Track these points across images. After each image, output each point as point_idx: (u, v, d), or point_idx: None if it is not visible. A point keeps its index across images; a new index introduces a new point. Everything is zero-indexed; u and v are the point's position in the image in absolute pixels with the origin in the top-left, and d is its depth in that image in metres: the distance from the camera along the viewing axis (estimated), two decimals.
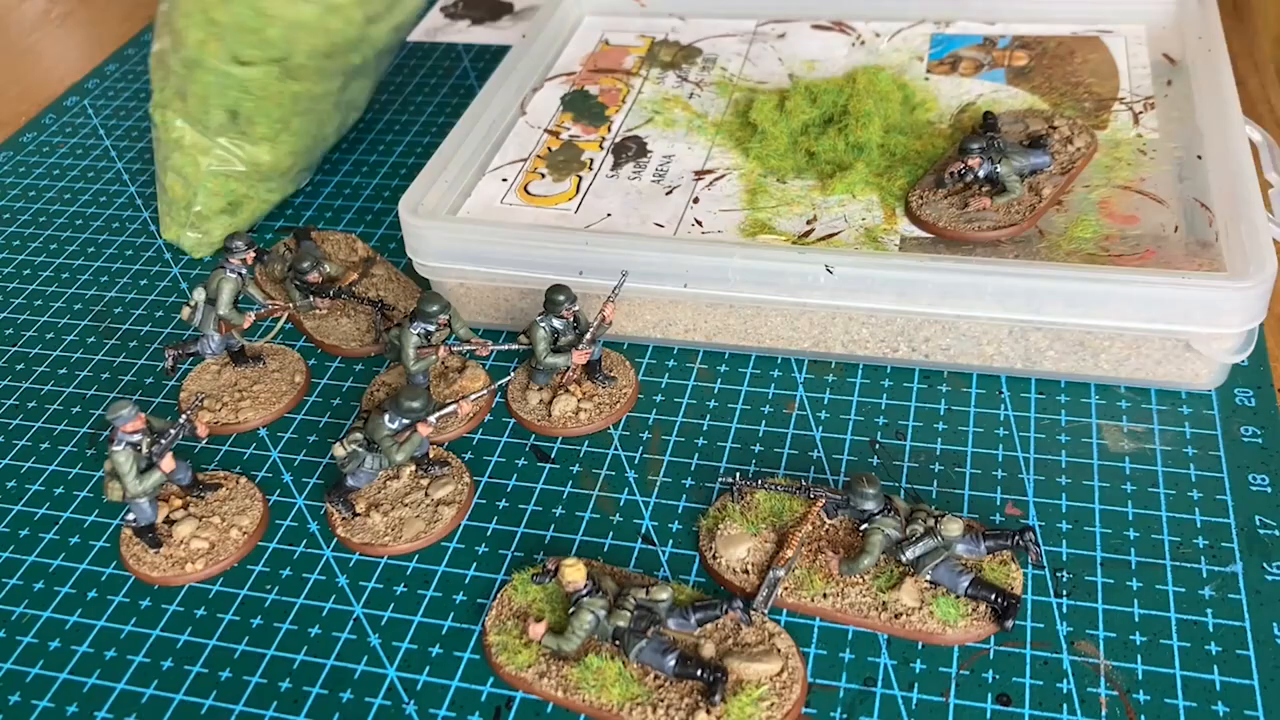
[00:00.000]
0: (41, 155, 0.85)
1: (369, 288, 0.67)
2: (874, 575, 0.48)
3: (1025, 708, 0.44)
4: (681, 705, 0.45)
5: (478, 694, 0.47)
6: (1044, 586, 0.48)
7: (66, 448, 0.60)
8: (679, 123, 0.71)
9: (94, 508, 0.56)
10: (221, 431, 0.60)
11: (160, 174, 0.74)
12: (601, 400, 0.58)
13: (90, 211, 0.78)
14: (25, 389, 0.64)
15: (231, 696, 0.47)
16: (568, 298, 0.55)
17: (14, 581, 0.53)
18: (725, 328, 0.60)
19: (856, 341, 0.59)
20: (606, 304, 0.56)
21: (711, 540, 0.51)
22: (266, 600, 0.51)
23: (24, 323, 0.69)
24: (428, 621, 0.50)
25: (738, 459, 0.56)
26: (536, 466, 0.56)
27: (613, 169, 0.68)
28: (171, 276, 0.71)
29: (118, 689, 0.48)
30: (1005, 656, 0.46)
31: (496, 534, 0.53)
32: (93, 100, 0.91)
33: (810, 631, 0.48)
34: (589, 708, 0.45)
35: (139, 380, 0.64)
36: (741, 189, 0.65)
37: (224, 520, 0.54)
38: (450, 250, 0.61)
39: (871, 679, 0.46)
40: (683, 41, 0.80)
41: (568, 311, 0.56)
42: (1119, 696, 0.44)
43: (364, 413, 0.59)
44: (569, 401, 0.58)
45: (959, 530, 0.47)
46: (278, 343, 0.64)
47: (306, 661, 0.48)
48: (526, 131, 0.72)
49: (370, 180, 0.78)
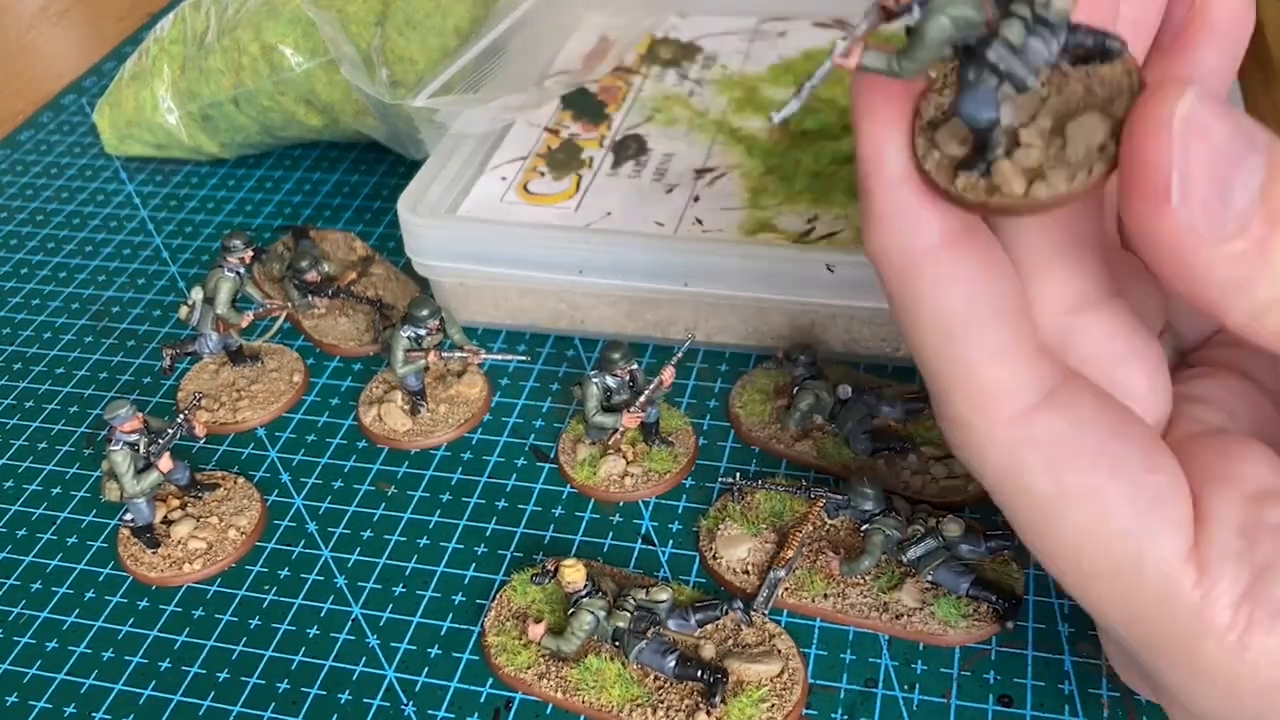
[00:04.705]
0: (39, 154, 0.85)
1: (367, 287, 0.67)
2: (875, 576, 0.48)
3: (1027, 708, 0.44)
4: (681, 706, 0.44)
5: (477, 695, 0.46)
6: (1045, 587, 0.48)
7: (64, 447, 0.60)
8: (679, 121, 0.71)
9: (91, 508, 0.56)
10: (219, 431, 0.59)
11: (125, 83, 0.79)
12: (652, 468, 0.54)
13: (88, 210, 0.78)
14: (23, 388, 0.64)
15: (229, 697, 0.47)
16: (623, 355, 0.53)
17: (11, 582, 0.53)
18: (725, 326, 0.60)
19: (856, 341, 0.59)
20: (666, 368, 0.53)
21: (711, 540, 0.51)
22: (265, 601, 0.51)
23: (21, 322, 0.69)
24: (426, 622, 0.49)
25: (738, 459, 0.56)
26: (536, 466, 0.56)
27: (613, 167, 0.67)
28: (169, 275, 0.71)
29: (115, 689, 0.48)
30: (1007, 657, 0.46)
31: (495, 534, 0.53)
32: (90, 98, 0.91)
33: (811, 632, 0.47)
34: (589, 709, 0.45)
35: (136, 379, 0.64)
36: (742, 187, 0.65)
37: (222, 520, 0.54)
38: (449, 249, 0.60)
39: (872, 680, 0.46)
40: (683, 39, 0.79)
41: (623, 370, 0.53)
42: (1121, 697, 0.44)
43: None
44: (617, 464, 0.54)
45: (960, 530, 0.47)
46: (276, 342, 0.64)
47: (305, 662, 0.48)
48: (526, 129, 0.71)
49: (369, 179, 0.78)
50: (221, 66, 0.74)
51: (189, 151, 0.80)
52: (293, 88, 0.73)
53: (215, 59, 0.74)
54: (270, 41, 0.71)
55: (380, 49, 0.70)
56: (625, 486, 0.54)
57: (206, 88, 0.75)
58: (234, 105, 0.75)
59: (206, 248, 0.73)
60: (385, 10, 0.71)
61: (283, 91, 0.73)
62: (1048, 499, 0.31)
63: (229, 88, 0.74)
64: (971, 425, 0.32)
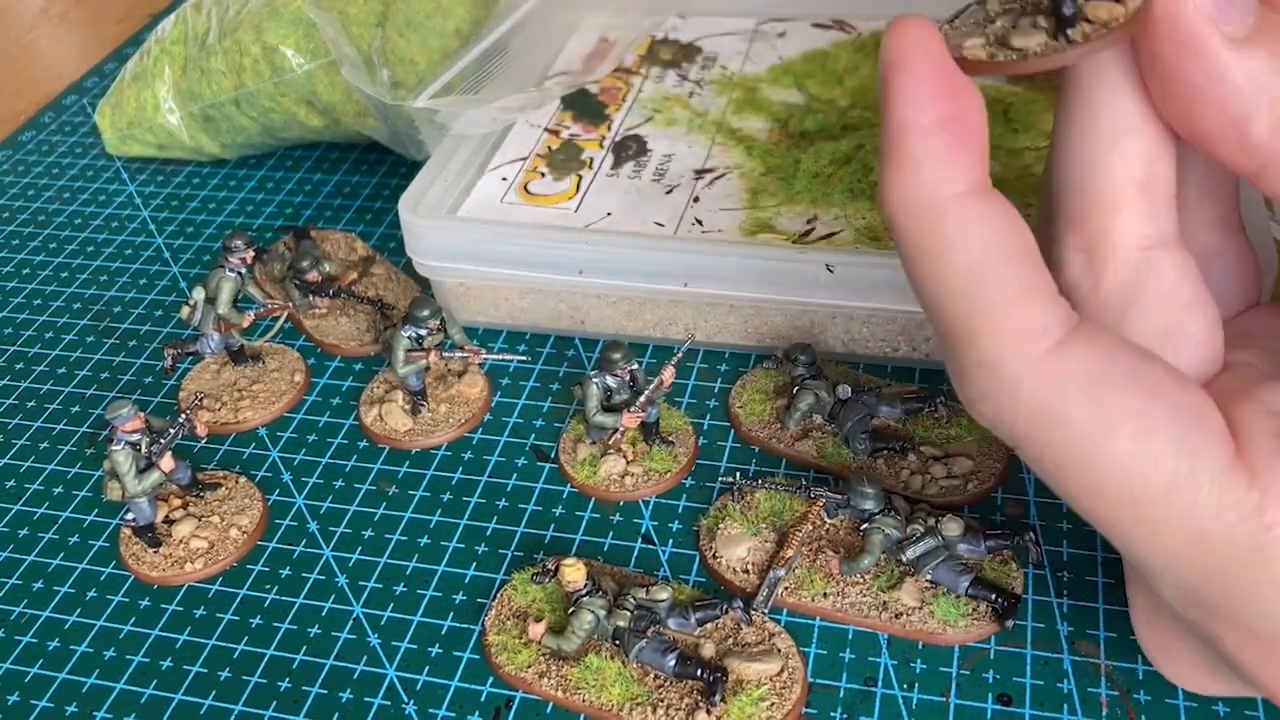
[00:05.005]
0: (40, 154, 0.85)
1: (368, 287, 0.67)
2: (874, 575, 0.48)
3: (1026, 708, 0.44)
4: (681, 705, 0.45)
5: (477, 694, 0.47)
6: (1044, 586, 0.48)
7: (65, 447, 0.60)
8: (679, 121, 0.71)
9: (93, 507, 0.56)
10: (221, 431, 0.59)
11: (127, 84, 0.80)
12: (652, 468, 0.55)
13: (89, 210, 0.78)
14: (24, 388, 0.64)
15: (231, 696, 0.47)
16: (623, 355, 0.53)
17: (13, 581, 0.53)
18: (725, 326, 0.60)
19: (856, 341, 0.59)
20: (666, 368, 0.54)
21: (711, 540, 0.51)
22: (266, 600, 0.51)
23: (23, 322, 0.69)
24: (427, 621, 0.49)
25: (738, 459, 0.56)
26: (536, 466, 0.56)
27: (613, 168, 0.68)
28: (171, 276, 0.71)
29: (117, 689, 0.48)
30: (1006, 656, 0.46)
31: (496, 534, 0.53)
32: (91, 99, 0.91)
33: (810, 631, 0.48)
34: (589, 708, 0.45)
35: (138, 379, 0.64)
36: (742, 188, 0.65)
37: (223, 520, 0.54)
38: (450, 249, 0.60)
39: (872, 679, 0.46)
40: (683, 40, 0.79)
41: (623, 370, 0.54)
42: (1120, 696, 0.44)
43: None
44: (617, 464, 0.55)
45: (959, 530, 0.47)
46: (277, 342, 0.64)
47: (306, 661, 0.48)
48: (526, 130, 0.72)
49: (370, 179, 0.78)
50: (223, 67, 0.74)
51: (190, 152, 0.80)
52: (294, 89, 0.73)
53: (216, 60, 0.74)
54: (271, 42, 0.71)
55: (381, 50, 0.70)
56: (625, 486, 0.54)
57: (208, 88, 0.75)
58: (235, 106, 0.75)
59: (208, 248, 0.73)
60: (386, 11, 0.71)
61: (284, 92, 0.73)
62: (1089, 425, 0.32)
63: (230, 88, 0.74)
64: (1002, 364, 0.32)
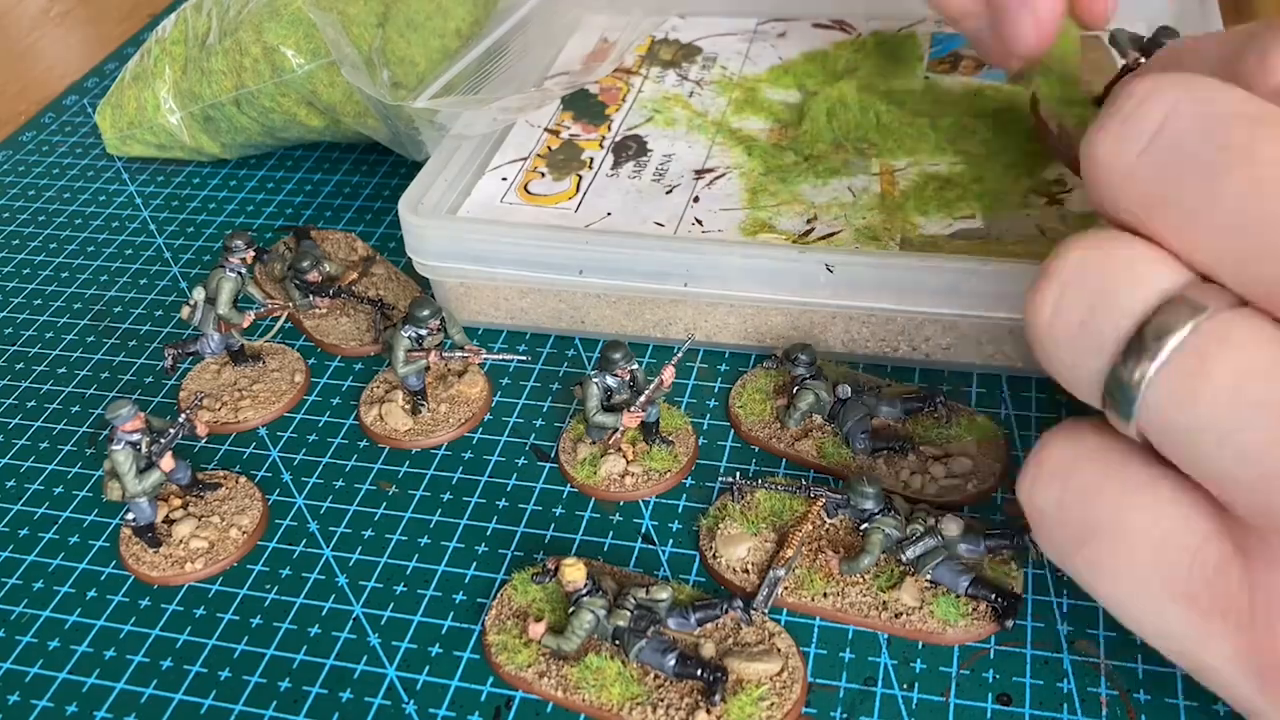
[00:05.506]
0: (41, 154, 0.85)
1: (369, 287, 0.67)
2: (874, 575, 0.48)
3: (1026, 707, 0.44)
4: (681, 705, 0.45)
5: (477, 693, 0.47)
6: (1044, 586, 0.48)
7: (66, 447, 0.60)
8: (679, 121, 0.71)
9: (93, 507, 0.56)
10: (221, 431, 0.60)
11: (127, 84, 0.80)
12: (652, 468, 0.55)
13: (90, 210, 0.78)
14: (24, 388, 0.64)
15: (231, 696, 0.47)
16: (623, 355, 0.53)
17: (13, 581, 0.53)
18: (725, 326, 0.60)
19: (856, 341, 0.59)
20: (666, 368, 0.54)
21: (711, 540, 0.51)
22: (266, 600, 0.51)
23: (23, 322, 0.69)
24: (427, 621, 0.49)
25: (738, 459, 0.56)
26: (537, 466, 0.56)
27: (613, 168, 0.68)
28: (171, 276, 0.71)
29: (117, 688, 0.48)
30: (1006, 656, 0.46)
31: (496, 534, 0.53)
32: (92, 99, 0.91)
33: (810, 631, 0.48)
34: (589, 707, 0.45)
35: (138, 379, 0.64)
36: (742, 188, 0.65)
37: (223, 520, 0.54)
38: (450, 249, 0.61)
39: (872, 678, 0.46)
40: (683, 40, 0.80)
41: (623, 370, 0.53)
42: (1120, 696, 0.44)
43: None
44: (617, 463, 0.55)
45: (959, 530, 0.47)
46: (277, 342, 0.64)
47: (306, 661, 0.48)
48: (526, 130, 0.72)
49: (370, 179, 0.78)
50: (223, 68, 0.74)
51: (190, 152, 0.80)
52: (294, 89, 0.73)
53: (217, 60, 0.74)
54: (272, 43, 0.71)
55: (381, 50, 0.70)
56: (625, 486, 0.54)
57: (208, 89, 0.75)
58: (235, 106, 0.75)
59: (208, 248, 0.73)
60: (386, 12, 0.72)
61: (284, 93, 0.73)
62: None
63: (230, 89, 0.74)
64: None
